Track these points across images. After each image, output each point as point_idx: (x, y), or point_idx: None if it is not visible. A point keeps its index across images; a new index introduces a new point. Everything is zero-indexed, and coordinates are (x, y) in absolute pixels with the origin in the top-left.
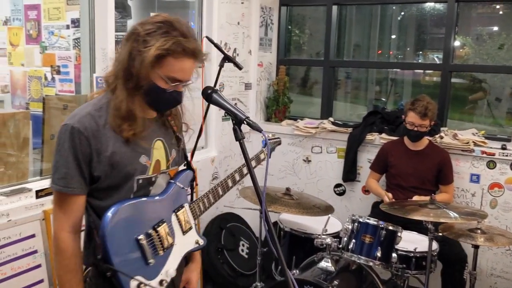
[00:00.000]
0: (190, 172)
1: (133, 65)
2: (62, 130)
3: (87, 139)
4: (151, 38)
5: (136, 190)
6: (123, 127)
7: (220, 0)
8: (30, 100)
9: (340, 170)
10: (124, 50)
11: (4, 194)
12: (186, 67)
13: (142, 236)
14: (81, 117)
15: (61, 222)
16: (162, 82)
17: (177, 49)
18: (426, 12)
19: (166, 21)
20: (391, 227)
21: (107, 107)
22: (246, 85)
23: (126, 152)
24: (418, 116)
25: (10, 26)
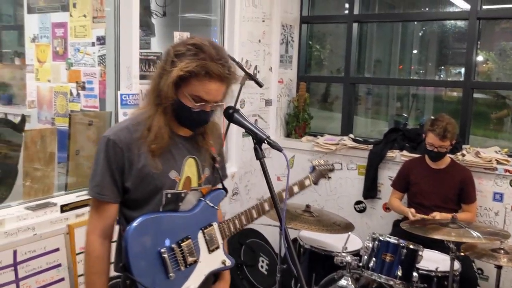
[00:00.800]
0: (222, 191)
1: (160, 83)
2: (100, 141)
3: (122, 151)
4: (178, 59)
5: (165, 204)
6: (150, 141)
7: (241, 18)
8: (55, 115)
9: (361, 187)
10: (157, 69)
11: (30, 209)
12: (210, 89)
13: (165, 249)
14: (118, 130)
15: (92, 225)
16: (187, 100)
17: (200, 71)
18: (448, 29)
19: (196, 43)
20: (412, 245)
21: (144, 123)
22: (267, 101)
23: (156, 166)
24: (437, 137)
25: (38, 43)
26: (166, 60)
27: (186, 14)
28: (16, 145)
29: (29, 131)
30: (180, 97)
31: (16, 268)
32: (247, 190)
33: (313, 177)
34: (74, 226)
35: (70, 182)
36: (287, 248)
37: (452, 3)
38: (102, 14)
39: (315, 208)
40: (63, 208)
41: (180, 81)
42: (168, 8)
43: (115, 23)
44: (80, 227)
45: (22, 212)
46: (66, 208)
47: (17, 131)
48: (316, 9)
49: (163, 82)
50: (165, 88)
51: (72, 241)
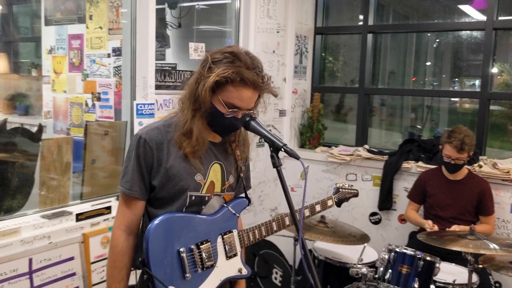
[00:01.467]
0: (245, 200)
1: (197, 88)
2: (133, 139)
3: (151, 150)
4: (216, 66)
5: (188, 205)
6: (183, 143)
7: (256, 29)
8: (71, 126)
9: (376, 198)
10: (195, 75)
11: (46, 217)
12: (244, 96)
13: (184, 249)
14: (150, 129)
15: (119, 220)
16: (221, 106)
17: (236, 78)
18: (463, 39)
19: (233, 52)
20: (429, 257)
21: (176, 125)
22: (281, 112)
23: (183, 168)
24: (455, 150)
25: (55, 54)
26: (203, 66)
27: (201, 26)
28: (32, 155)
29: (46, 140)
30: (214, 102)
31: (32, 276)
32: (260, 201)
33: (336, 198)
34: (89, 235)
35: (86, 192)
36: (304, 256)
37: (467, 14)
38: (117, 26)
39: (330, 219)
40: (78, 217)
41: (216, 87)
42: (183, 20)
43: (131, 35)
44: (95, 236)
45: (38, 220)
46: (81, 217)
47: (34, 140)
48: (330, 20)
49: (201, 87)
50: (202, 93)
51: (87, 250)
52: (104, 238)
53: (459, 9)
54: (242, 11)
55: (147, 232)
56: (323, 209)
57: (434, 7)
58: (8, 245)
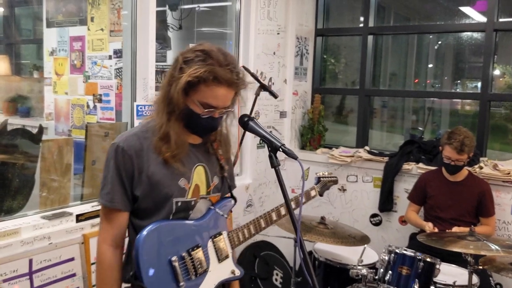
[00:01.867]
0: (231, 200)
1: (170, 90)
2: (110, 149)
3: (131, 158)
4: (187, 66)
5: (175, 212)
6: (162, 148)
7: (256, 31)
8: (72, 127)
9: (376, 199)
10: (167, 77)
11: (46, 218)
12: (219, 95)
13: (175, 257)
14: (127, 136)
15: (104, 234)
16: (196, 107)
17: (208, 77)
18: (464, 41)
19: (204, 49)
20: (429, 259)
21: (153, 130)
22: (281, 113)
23: (165, 174)
24: (455, 151)
25: (56, 56)
26: (175, 67)
27: (201, 28)
28: (33, 156)
29: (46, 141)
30: (189, 103)
31: (32, 277)
32: (261, 202)
33: (319, 188)
34: (89, 236)
35: (86, 193)
36: (303, 259)
37: (468, 16)
38: (119, 28)
39: (330, 220)
40: (78, 217)
41: (188, 88)
42: (184, 22)
43: (132, 37)
44: (95, 237)
45: (38, 221)
46: (81, 217)
47: (35, 141)
48: (331, 21)
49: (173, 89)
50: (175, 95)
51: (87, 251)
52: None
53: (460, 11)
54: (242, 13)
55: (136, 245)
56: (307, 200)
57: (435, 9)
58: (8, 245)
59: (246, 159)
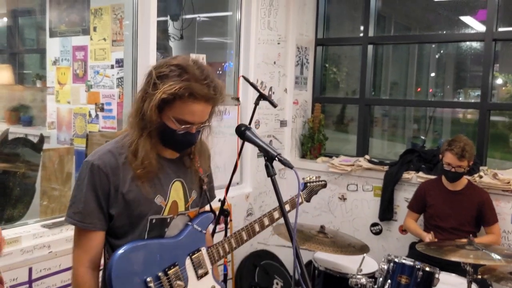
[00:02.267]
0: (210, 214)
1: (143, 106)
2: (83, 166)
3: (106, 176)
4: (161, 81)
5: (149, 230)
6: (135, 164)
7: (257, 41)
8: (74, 136)
9: (377, 208)
10: (139, 92)
11: (46, 227)
12: (195, 110)
13: (150, 278)
14: (101, 154)
15: (79, 256)
16: (172, 123)
17: (184, 93)
18: (464, 51)
19: (179, 64)
20: (428, 268)
21: (128, 147)
22: (282, 122)
23: (141, 191)
24: (456, 157)
25: (59, 66)
26: (148, 82)
27: (202, 38)
28: (34, 165)
29: (47, 150)
30: (164, 119)
31: (31, 285)
32: (261, 211)
33: (305, 194)
34: None
35: None
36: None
37: (468, 25)
38: (121, 38)
39: (329, 229)
40: None
41: (163, 104)
42: (185, 32)
43: (133, 46)
44: None
45: (39, 230)
46: None
47: (36, 150)
48: (331, 31)
49: (146, 105)
50: (148, 112)
51: None
52: None
53: (461, 20)
54: (243, 23)
55: (109, 266)
56: (292, 208)
57: (436, 18)
58: (8, 254)
59: (246, 168)
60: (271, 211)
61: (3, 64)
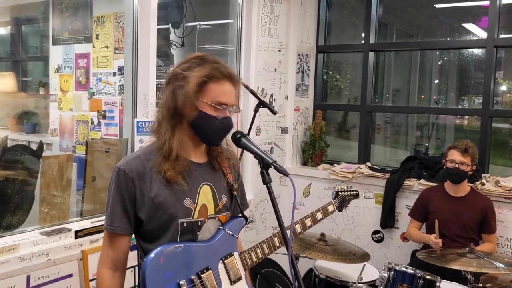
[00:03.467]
0: (242, 219)
1: (177, 101)
2: (113, 173)
3: (132, 180)
4: (189, 72)
5: (181, 233)
6: (165, 167)
7: (257, 48)
8: (77, 143)
9: (378, 216)
10: (166, 92)
11: (45, 234)
12: (227, 90)
13: (184, 281)
14: (129, 160)
15: (103, 257)
16: (210, 109)
17: (215, 73)
18: (467, 57)
19: (198, 56)
20: (429, 276)
21: (157, 151)
22: (283, 129)
23: (169, 194)
24: (459, 152)
25: (61, 73)
26: (175, 79)
27: (204, 45)
28: (33, 172)
29: (47, 157)
30: (201, 108)
31: None
32: (262, 218)
33: (337, 203)
34: (88, 252)
35: (86, 209)
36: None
37: (470, 32)
38: (123, 45)
39: (330, 237)
40: (77, 233)
41: (197, 92)
42: (186, 39)
43: (133, 54)
44: (94, 253)
45: (37, 237)
46: (80, 234)
47: (35, 157)
48: (332, 38)
49: (181, 98)
50: (187, 102)
51: (85, 267)
52: None
53: (463, 27)
54: (244, 30)
55: (142, 270)
56: (325, 216)
57: (438, 25)
58: (6, 261)
59: (247, 175)
60: (303, 219)
61: (6, 71)
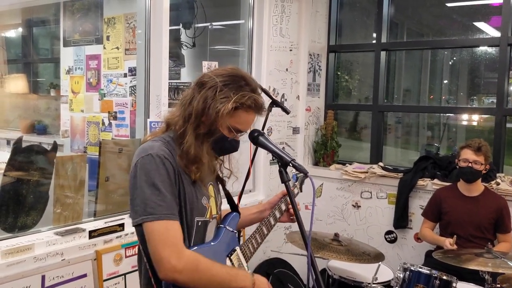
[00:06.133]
0: (237, 214)
1: (208, 113)
2: (146, 160)
3: (171, 166)
4: (228, 89)
5: (196, 232)
6: (191, 169)
7: (269, 48)
8: (88, 144)
9: (391, 216)
10: (198, 97)
11: (59, 234)
12: (250, 120)
13: None
14: (159, 148)
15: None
16: (226, 130)
17: (250, 103)
18: (478, 56)
19: (238, 74)
20: (445, 276)
21: (174, 145)
22: (294, 129)
23: (192, 191)
24: (472, 151)
25: (72, 75)
26: (212, 88)
27: (215, 46)
28: (47, 172)
29: (60, 157)
30: (219, 125)
31: None
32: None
33: (299, 184)
34: (102, 252)
35: (99, 209)
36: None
37: (482, 31)
38: (134, 46)
39: (344, 237)
40: (91, 234)
41: (228, 113)
42: (197, 40)
43: (145, 55)
44: (107, 253)
45: (51, 237)
46: (94, 234)
47: (49, 158)
48: (344, 38)
49: (212, 112)
50: (217, 119)
51: (99, 267)
52: (116, 255)
53: (474, 26)
54: (255, 31)
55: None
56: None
57: (449, 25)
58: (21, 261)
59: (259, 176)
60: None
61: (18, 73)
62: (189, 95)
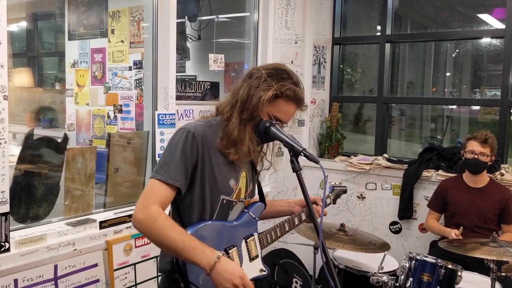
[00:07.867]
0: (262, 204)
1: (251, 100)
2: (179, 132)
3: (198, 145)
4: (271, 79)
5: (219, 208)
6: (230, 150)
7: (274, 40)
8: (93, 137)
9: (396, 207)
10: (245, 86)
11: (70, 225)
12: (289, 111)
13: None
14: (197, 125)
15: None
16: (267, 118)
17: (290, 94)
18: (482, 48)
19: (282, 68)
20: (450, 265)
21: (217, 128)
22: (299, 121)
23: (222, 171)
24: (478, 143)
25: (78, 68)
26: (258, 78)
27: (220, 39)
28: (58, 164)
29: (71, 149)
30: (261, 113)
31: (57, 282)
32: None
33: (333, 196)
34: (112, 243)
35: (108, 200)
36: (325, 263)
37: (486, 23)
38: (139, 40)
39: (349, 228)
40: (102, 224)
41: (269, 100)
42: (202, 33)
43: (153, 48)
44: (118, 244)
45: (63, 227)
46: (104, 224)
47: (60, 150)
48: (348, 30)
49: (255, 98)
50: (258, 105)
51: (110, 257)
52: (127, 245)
53: (478, 18)
54: (260, 23)
55: None
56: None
57: (453, 17)
58: (34, 251)
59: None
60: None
61: (23, 67)
62: (239, 85)
